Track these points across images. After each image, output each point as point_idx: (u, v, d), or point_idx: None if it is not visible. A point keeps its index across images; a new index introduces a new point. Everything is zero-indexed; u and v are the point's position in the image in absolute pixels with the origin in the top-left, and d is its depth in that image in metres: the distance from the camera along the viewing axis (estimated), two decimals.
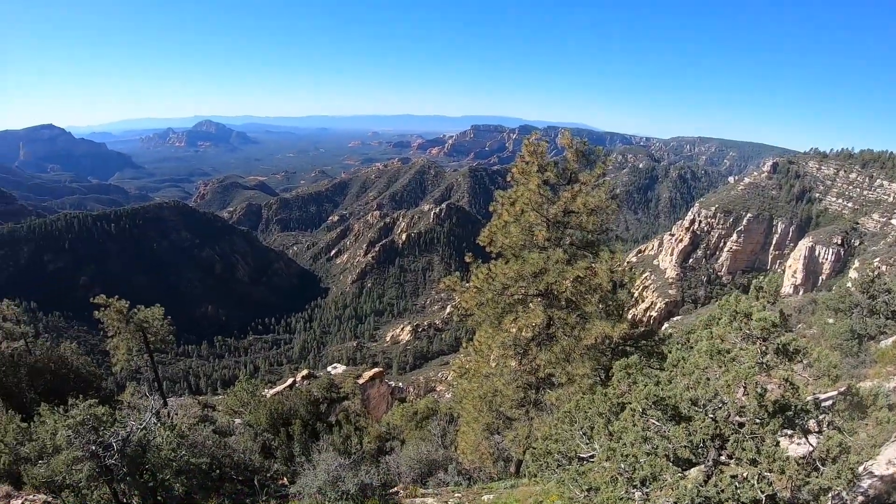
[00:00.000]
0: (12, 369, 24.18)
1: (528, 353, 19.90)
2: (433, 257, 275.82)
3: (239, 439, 24.31)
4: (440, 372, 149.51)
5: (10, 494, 15.05)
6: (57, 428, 10.61)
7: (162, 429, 11.55)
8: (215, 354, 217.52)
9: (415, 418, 32.30)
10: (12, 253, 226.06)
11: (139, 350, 36.35)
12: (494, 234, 19.18)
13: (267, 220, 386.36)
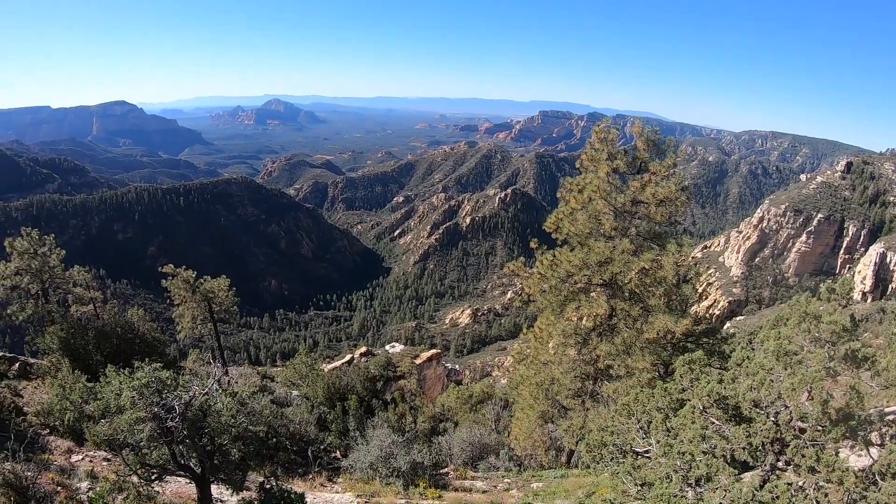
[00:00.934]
0: (81, 332, 25.06)
1: (589, 342, 19.66)
2: (496, 242, 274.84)
3: (295, 411, 24.71)
4: (497, 357, 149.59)
5: (72, 450, 15.70)
6: (122, 389, 10.93)
7: (223, 395, 11.80)
8: (276, 327, 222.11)
9: (470, 401, 32.31)
10: (84, 223, 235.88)
11: (203, 319, 37.40)
12: (561, 220, 18.96)
13: (332, 199, 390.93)
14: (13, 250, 28.27)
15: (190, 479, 11.96)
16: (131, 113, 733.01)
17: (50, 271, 29.23)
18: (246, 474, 12.51)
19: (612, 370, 19.04)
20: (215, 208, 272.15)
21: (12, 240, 28.46)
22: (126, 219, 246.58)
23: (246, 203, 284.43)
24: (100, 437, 11.37)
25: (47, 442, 15.93)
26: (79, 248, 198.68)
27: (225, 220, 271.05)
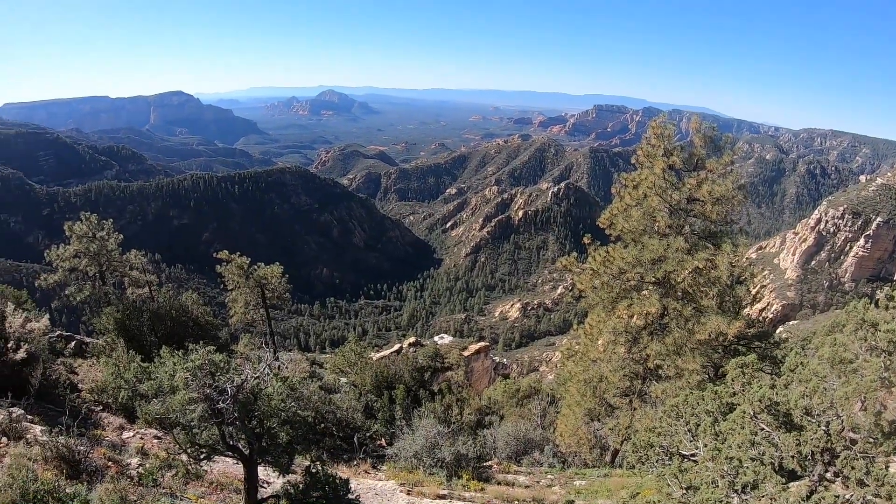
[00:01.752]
0: (136, 314, 25.72)
1: (639, 341, 19.41)
2: (548, 236, 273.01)
3: (343, 398, 24.99)
4: (545, 352, 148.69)
5: (124, 427, 16.15)
6: (175, 370, 11.16)
7: (274, 380, 11.99)
8: (326, 315, 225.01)
9: (516, 395, 32.23)
10: (141, 209, 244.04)
11: (256, 304, 38.07)
12: (615, 216, 18.73)
13: (385, 189, 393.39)
14: (72, 234, 29.19)
15: (237, 459, 12.18)
16: (188, 103, 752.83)
17: (107, 255, 30.11)
18: (293, 458, 12.68)
19: (662, 370, 18.74)
20: (269, 197, 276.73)
21: (72, 224, 29.38)
22: (182, 205, 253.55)
23: (300, 192, 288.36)
24: (151, 416, 11.66)
25: (100, 418, 16.38)
26: (135, 233, 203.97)
27: (279, 208, 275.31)
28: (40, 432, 13.56)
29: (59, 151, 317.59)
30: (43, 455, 12.00)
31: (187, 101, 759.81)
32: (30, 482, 10.28)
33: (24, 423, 13.67)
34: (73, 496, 10.53)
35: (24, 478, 10.30)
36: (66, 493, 10.66)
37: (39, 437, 13.07)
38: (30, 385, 15.77)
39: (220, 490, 13.48)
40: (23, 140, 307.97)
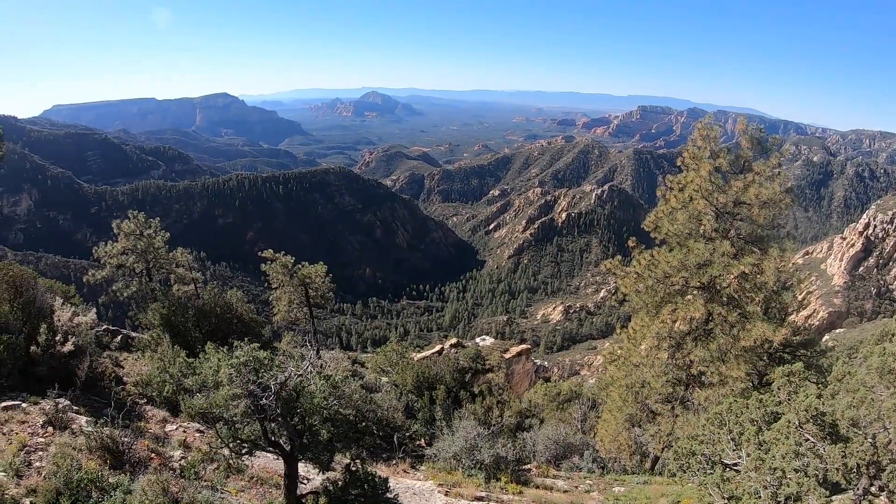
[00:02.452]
0: (181, 310, 26.27)
1: (683, 347, 19.10)
2: (591, 239, 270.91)
3: (384, 397, 25.09)
4: (586, 356, 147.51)
5: (167, 420, 16.46)
6: (220, 366, 11.34)
7: (317, 377, 12.12)
8: (368, 314, 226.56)
9: (557, 399, 32.04)
10: (186, 207, 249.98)
11: (299, 303, 38.52)
12: (660, 219, 18.48)
13: (429, 190, 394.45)
14: (120, 231, 29.92)
15: (278, 455, 12.33)
16: (233, 104, 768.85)
17: (154, 252, 30.77)
18: (333, 455, 12.80)
19: (705, 377, 18.40)
20: (313, 197, 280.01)
21: (120, 222, 30.10)
22: (227, 205, 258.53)
23: (343, 192, 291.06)
24: (195, 410, 11.86)
25: (144, 411, 16.70)
26: (181, 232, 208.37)
27: (322, 208, 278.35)
28: (85, 423, 13.88)
29: (106, 152, 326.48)
30: (87, 445, 12.27)
31: (232, 103, 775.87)
32: (74, 471, 10.52)
33: (69, 413, 14.00)
34: (115, 486, 10.75)
35: (68, 467, 10.56)
36: (108, 483, 10.89)
37: (84, 428, 13.38)
38: (76, 377, 16.18)
39: (259, 485, 13.65)
40: (72, 140, 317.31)
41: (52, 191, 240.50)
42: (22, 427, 13.08)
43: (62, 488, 10.16)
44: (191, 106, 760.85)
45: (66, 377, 16.03)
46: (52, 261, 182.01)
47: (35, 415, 13.75)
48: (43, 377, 15.78)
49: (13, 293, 16.88)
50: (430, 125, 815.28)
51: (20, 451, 11.70)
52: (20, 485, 10.54)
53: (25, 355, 15.86)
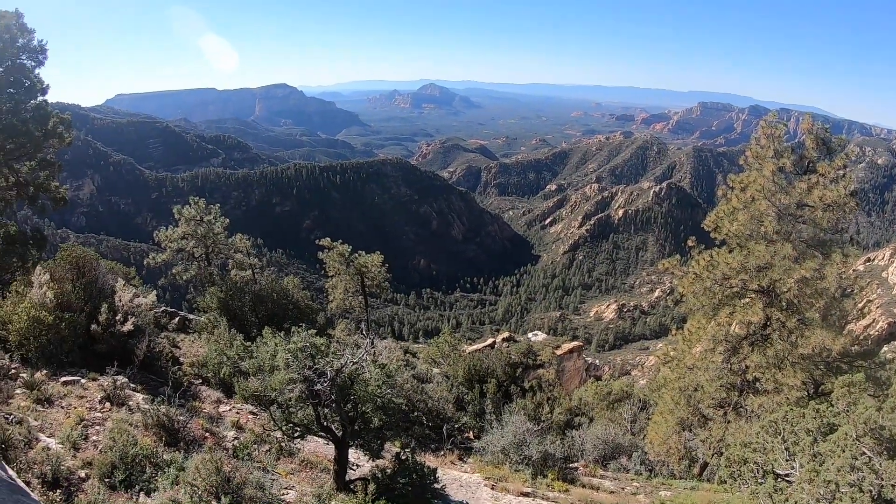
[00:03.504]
0: (238, 294, 26.86)
1: (739, 351, 18.66)
2: (648, 237, 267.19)
3: (435, 388, 25.23)
4: (638, 356, 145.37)
5: (221, 401, 16.86)
6: (277, 350, 11.58)
7: (372, 366, 12.29)
8: (421, 305, 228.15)
9: (607, 398, 31.65)
10: (245, 195, 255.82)
11: (355, 291, 39.02)
12: (721, 219, 18.08)
13: (485, 184, 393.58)
14: (181, 217, 30.74)
15: (329, 440, 12.52)
16: (292, 95, 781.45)
17: (214, 238, 31.53)
18: (384, 443, 12.95)
19: (760, 383, 17.96)
20: (370, 187, 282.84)
21: (180, 207, 30.93)
22: (284, 193, 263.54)
23: (400, 183, 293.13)
24: (249, 392, 12.16)
25: (199, 391, 17.15)
26: (239, 218, 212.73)
27: (379, 198, 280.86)
28: (142, 400, 14.32)
29: (167, 139, 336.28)
30: (144, 422, 12.66)
31: (291, 94, 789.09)
32: (129, 446, 10.86)
33: (127, 390, 14.46)
34: (169, 463, 11.06)
35: (124, 442, 10.89)
36: (163, 460, 11.22)
37: (141, 405, 13.81)
38: (135, 356, 16.69)
39: (309, 468, 13.84)
40: (134, 129, 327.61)
41: (113, 176, 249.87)
42: (80, 402, 13.55)
43: (117, 462, 10.49)
44: (251, 96, 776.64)
45: (125, 355, 16.53)
46: (113, 243, 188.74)
47: (93, 390, 14.23)
48: (102, 354, 16.33)
49: (76, 273, 17.46)
50: (488, 118, 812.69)
51: (78, 424, 12.11)
52: (76, 457, 10.91)
53: (86, 333, 16.42)
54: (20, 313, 15.30)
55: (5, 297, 16.93)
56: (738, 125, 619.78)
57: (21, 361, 15.20)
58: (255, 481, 10.32)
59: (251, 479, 10.33)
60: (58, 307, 16.03)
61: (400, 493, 12.02)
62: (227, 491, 9.68)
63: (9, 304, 16.05)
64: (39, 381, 13.85)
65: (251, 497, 10.02)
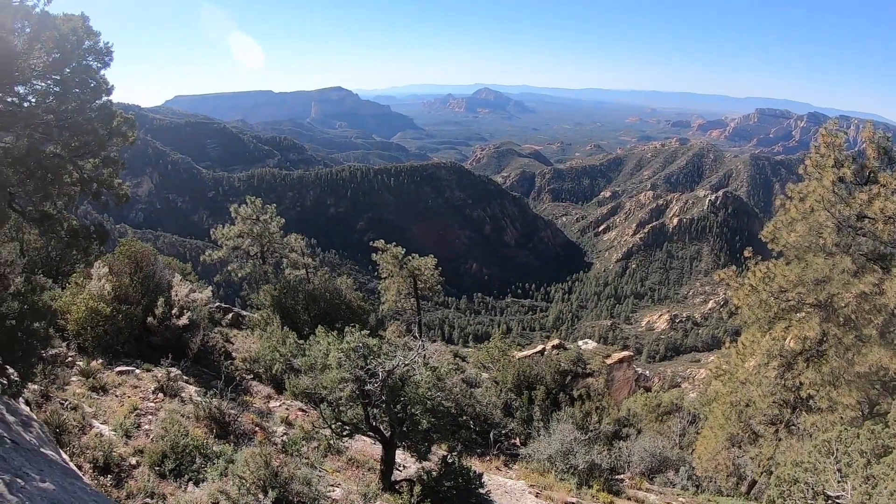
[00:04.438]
0: (292, 293, 27.38)
1: (793, 367, 18.17)
2: (703, 247, 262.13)
3: (484, 393, 25.19)
4: (689, 368, 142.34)
5: (271, 396, 17.22)
6: (329, 349, 11.75)
7: (423, 368, 12.39)
8: (472, 310, 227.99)
9: (656, 410, 31.16)
10: (300, 195, 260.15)
11: (407, 294, 39.33)
12: (779, 230, 17.64)
13: (539, 189, 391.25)
14: (238, 215, 31.39)
15: (377, 440, 12.66)
16: (347, 98, 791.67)
17: (269, 237, 32.12)
18: (431, 445, 13.03)
19: (813, 401, 17.47)
20: (424, 190, 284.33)
21: (237, 206, 31.59)
22: (338, 194, 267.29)
23: (454, 187, 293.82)
24: (300, 389, 12.41)
25: (250, 386, 17.54)
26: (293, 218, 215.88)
27: (432, 201, 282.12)
28: (195, 392, 14.70)
29: (224, 140, 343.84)
30: (196, 413, 12.99)
31: (347, 97, 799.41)
32: (181, 436, 11.15)
33: (180, 382, 14.87)
34: (219, 454, 11.31)
35: (176, 432, 11.19)
36: (212, 451, 11.48)
37: (194, 397, 14.16)
38: (189, 349, 17.15)
39: (355, 467, 13.99)
40: (192, 129, 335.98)
41: (171, 175, 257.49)
42: (134, 391, 13.98)
43: (168, 452, 10.79)
44: (306, 99, 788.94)
45: (179, 348, 17.01)
46: (170, 240, 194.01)
47: (147, 381, 14.66)
48: (156, 346, 16.85)
49: (134, 267, 18.01)
50: (542, 123, 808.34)
51: (131, 413, 12.51)
52: (128, 444, 11.25)
53: (142, 325, 16.95)
54: (79, 304, 15.86)
55: (64, 288, 17.58)
56: (797, 132, 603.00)
57: (77, 350, 15.79)
58: (302, 477, 10.47)
59: (299, 474, 10.48)
60: (115, 299, 16.58)
61: (445, 496, 12.07)
62: (275, 485, 9.84)
63: (68, 294, 16.65)
64: (95, 369, 14.34)
65: (298, 492, 10.17)
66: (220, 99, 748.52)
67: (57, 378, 12.99)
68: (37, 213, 8.79)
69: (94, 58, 8.20)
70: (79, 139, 8.16)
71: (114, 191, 9.64)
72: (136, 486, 10.00)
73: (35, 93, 7.68)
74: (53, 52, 7.38)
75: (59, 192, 8.65)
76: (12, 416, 8.15)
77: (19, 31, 7.21)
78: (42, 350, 10.57)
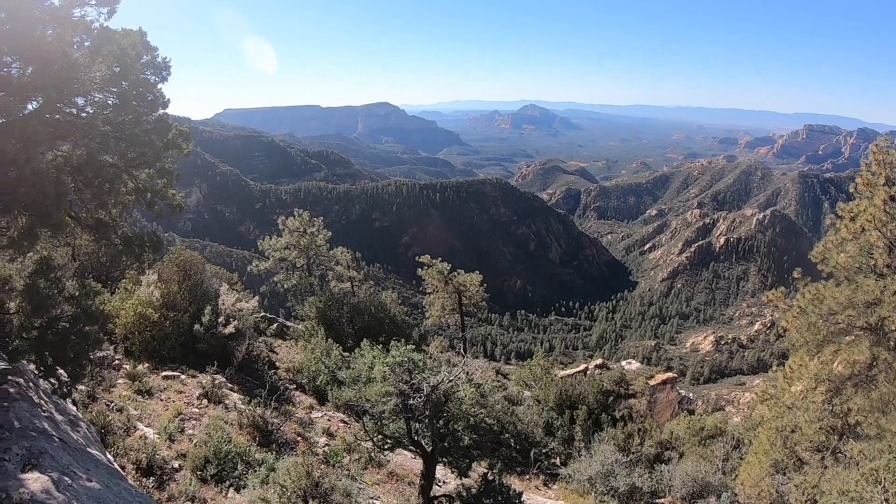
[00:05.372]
0: (337, 306, 27.69)
1: (841, 392, 17.71)
2: (750, 267, 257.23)
3: (526, 411, 25.10)
4: (734, 392, 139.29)
5: (313, 407, 17.40)
6: (374, 363, 11.85)
7: (467, 385, 12.42)
8: (515, 327, 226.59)
9: (699, 434, 30.59)
10: (345, 209, 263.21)
11: (451, 309, 39.34)
12: (829, 250, 17.23)
13: (584, 206, 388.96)
14: (285, 227, 31.85)
15: (418, 455, 12.68)
16: (394, 113, 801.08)
17: (316, 249, 32.49)
18: (472, 462, 13.01)
19: (861, 428, 16.98)
20: (469, 206, 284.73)
21: (285, 218, 32.08)
22: (384, 209, 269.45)
23: (499, 203, 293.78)
24: (342, 401, 12.51)
25: (292, 396, 17.76)
26: (339, 232, 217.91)
27: (477, 217, 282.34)
28: (238, 400, 14.96)
29: (272, 153, 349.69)
30: (239, 421, 13.22)
31: (393, 112, 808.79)
32: (224, 443, 11.36)
33: (224, 389, 15.15)
34: (261, 462, 11.50)
35: (219, 438, 11.41)
36: (254, 459, 11.67)
37: (238, 405, 14.42)
38: (234, 357, 17.49)
39: (395, 480, 14.08)
40: (240, 142, 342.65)
41: (220, 186, 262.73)
42: (179, 396, 14.28)
43: (210, 457, 10.99)
44: (353, 114, 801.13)
45: (224, 356, 17.34)
46: (217, 249, 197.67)
47: (192, 386, 14.96)
48: (202, 353, 17.19)
49: (182, 275, 18.44)
50: (588, 140, 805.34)
51: (175, 417, 12.78)
52: (171, 448, 11.49)
53: (188, 332, 17.31)
54: (127, 309, 16.30)
55: (113, 293, 18.06)
56: (846, 149, 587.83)
57: (124, 353, 16.20)
58: (342, 488, 10.58)
59: (339, 485, 10.59)
60: (163, 306, 17.00)
61: None
62: (315, 495, 9.96)
63: (117, 299, 17.11)
64: (141, 373, 14.70)
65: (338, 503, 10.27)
66: (269, 113, 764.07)
67: (103, 380, 13.36)
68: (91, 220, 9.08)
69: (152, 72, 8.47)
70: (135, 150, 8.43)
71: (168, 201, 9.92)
72: (178, 489, 10.21)
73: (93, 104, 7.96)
74: (114, 65, 7.66)
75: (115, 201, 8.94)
76: (61, 416, 8.39)
77: (78, 44, 7.51)
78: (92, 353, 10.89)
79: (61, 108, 7.57)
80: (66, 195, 7.25)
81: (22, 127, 6.10)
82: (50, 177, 6.68)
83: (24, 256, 7.74)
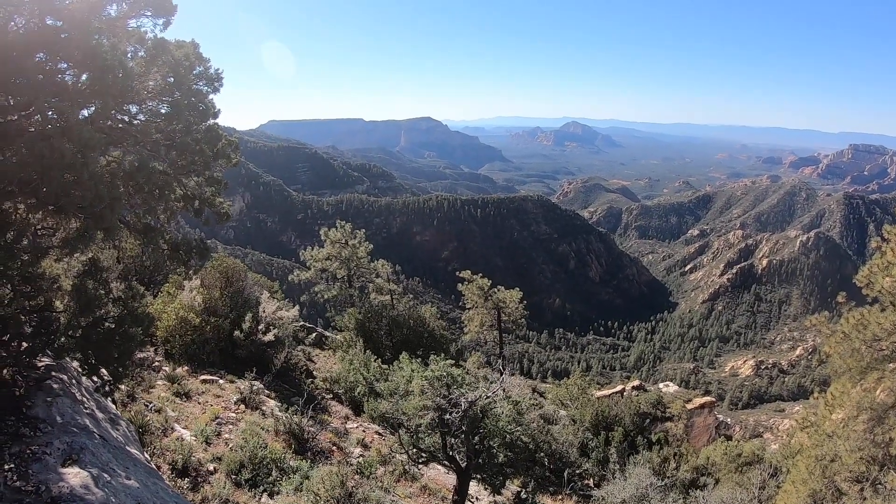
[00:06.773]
0: (376, 318, 27.85)
1: (884, 421, 17.29)
2: (792, 290, 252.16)
3: (561, 431, 24.91)
4: (772, 418, 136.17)
5: (349, 417, 17.53)
6: (413, 376, 11.91)
7: (505, 402, 12.43)
8: (553, 345, 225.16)
9: (736, 461, 30.00)
10: (386, 222, 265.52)
11: (490, 325, 39.28)
12: (874, 274, 16.83)
13: (626, 225, 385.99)
14: (327, 238, 32.22)
15: (452, 470, 12.70)
16: (436, 128, 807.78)
17: (357, 261, 32.80)
18: (506, 480, 12.98)
19: None
20: (510, 223, 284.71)
21: (327, 229, 32.45)
22: (425, 223, 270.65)
23: (540, 220, 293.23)
24: (378, 413, 12.60)
25: (328, 405, 17.90)
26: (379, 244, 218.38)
27: (518, 234, 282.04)
28: (275, 407, 15.16)
29: (315, 165, 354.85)
30: (275, 427, 13.39)
31: (436, 127, 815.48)
32: (259, 448, 11.51)
33: (262, 395, 15.36)
34: (295, 469, 11.61)
35: (255, 443, 11.56)
36: (289, 466, 11.79)
37: (275, 412, 14.61)
38: (272, 364, 17.72)
39: (427, 494, 14.05)
40: (284, 153, 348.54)
41: (263, 196, 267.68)
42: (217, 400, 14.52)
43: (245, 461, 11.15)
44: (396, 128, 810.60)
45: (262, 363, 17.59)
46: (258, 257, 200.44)
47: (230, 391, 15.20)
48: (240, 359, 17.49)
49: (224, 282, 18.77)
50: (630, 158, 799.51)
51: (212, 420, 12.99)
52: (207, 451, 11.68)
53: (228, 338, 17.60)
54: (169, 312, 16.66)
55: (156, 297, 18.47)
56: (892, 170, 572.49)
57: (164, 356, 16.55)
58: (375, 500, 10.63)
59: (372, 497, 10.64)
60: (205, 311, 17.32)
61: None
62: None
63: (159, 302, 17.50)
64: (180, 375, 15.00)
65: None
66: (312, 125, 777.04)
67: (143, 381, 13.65)
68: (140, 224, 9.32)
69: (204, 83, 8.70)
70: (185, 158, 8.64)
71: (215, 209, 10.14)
72: (212, 491, 10.35)
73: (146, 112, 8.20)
74: (168, 75, 7.90)
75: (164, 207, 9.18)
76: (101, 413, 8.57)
77: (133, 53, 7.76)
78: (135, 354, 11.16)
79: (115, 115, 7.81)
80: (121, 199, 7.46)
81: (79, 132, 6.31)
82: (105, 181, 6.89)
83: (70, 257, 7.96)
